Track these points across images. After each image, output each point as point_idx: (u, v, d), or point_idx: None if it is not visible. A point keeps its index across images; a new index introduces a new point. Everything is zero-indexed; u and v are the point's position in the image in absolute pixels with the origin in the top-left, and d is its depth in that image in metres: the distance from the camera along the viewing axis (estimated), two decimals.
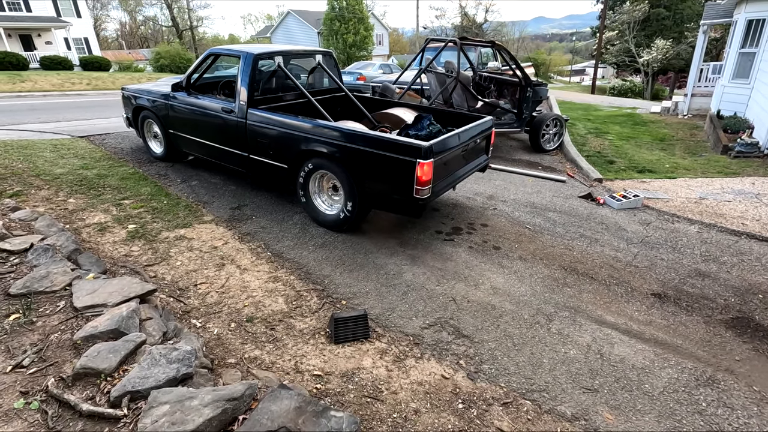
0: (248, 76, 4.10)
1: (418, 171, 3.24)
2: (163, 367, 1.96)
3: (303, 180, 3.96)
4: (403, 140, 3.39)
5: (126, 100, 5.48)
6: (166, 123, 4.98)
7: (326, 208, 4.03)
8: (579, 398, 2.33)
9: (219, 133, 4.43)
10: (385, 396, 2.28)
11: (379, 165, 3.45)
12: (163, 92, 4.87)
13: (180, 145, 5.03)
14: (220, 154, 4.56)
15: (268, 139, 4.02)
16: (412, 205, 3.42)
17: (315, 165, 3.84)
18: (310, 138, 3.75)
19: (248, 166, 4.33)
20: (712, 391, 2.41)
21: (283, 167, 4.03)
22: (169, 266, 3.26)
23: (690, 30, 23.50)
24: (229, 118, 4.23)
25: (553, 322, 2.93)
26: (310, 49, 5.11)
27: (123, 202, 4.14)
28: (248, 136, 4.13)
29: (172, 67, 27.72)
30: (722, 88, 10.79)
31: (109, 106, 10.85)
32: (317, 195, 4.05)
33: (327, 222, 3.99)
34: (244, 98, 4.11)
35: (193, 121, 4.65)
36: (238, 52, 4.22)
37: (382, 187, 3.56)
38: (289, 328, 2.74)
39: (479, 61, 9.28)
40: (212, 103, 4.42)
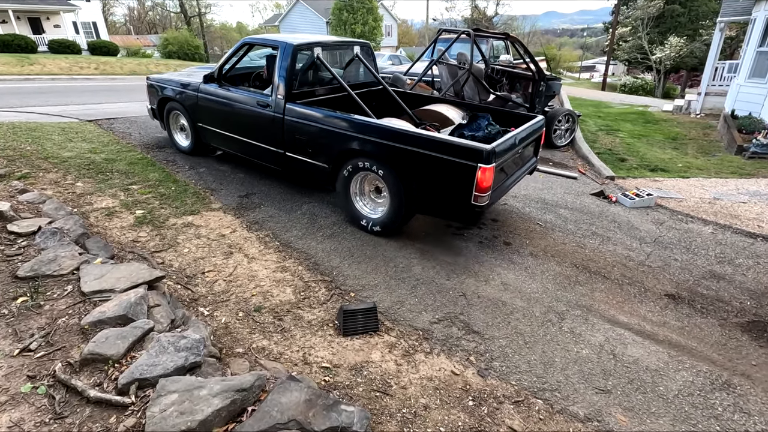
0: (287, 68, 3.85)
1: (478, 176, 3.01)
2: (172, 355, 1.93)
3: (343, 181, 3.73)
4: (463, 142, 3.14)
5: (151, 91, 5.18)
6: (195, 116, 4.72)
7: (369, 211, 3.79)
8: (591, 399, 2.29)
9: (252, 129, 4.20)
10: (394, 391, 2.25)
11: (433, 168, 3.21)
12: (192, 83, 4.62)
13: (209, 140, 4.80)
14: (252, 151, 4.34)
15: (307, 136, 3.79)
16: (469, 212, 3.19)
17: (357, 166, 3.61)
18: (354, 137, 3.50)
19: (283, 163, 4.11)
20: (728, 396, 2.36)
21: (323, 167, 3.80)
22: (176, 253, 3.23)
23: (705, 27, 23.05)
24: (264, 112, 4.00)
25: (565, 320, 2.88)
26: (347, 39, 4.85)
27: (131, 188, 4.11)
28: (285, 132, 3.91)
29: (180, 53, 27.58)
30: (738, 87, 10.59)
31: (117, 91, 10.81)
32: (358, 197, 3.81)
33: (365, 225, 3.79)
34: (282, 92, 3.88)
35: (225, 115, 4.40)
36: (276, 42, 3.99)
37: (435, 191, 3.31)
38: (297, 318, 2.71)
39: (491, 54, 9.14)
40: (246, 96, 4.18)
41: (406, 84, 6.51)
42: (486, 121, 4.01)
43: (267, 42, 4.20)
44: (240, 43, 4.38)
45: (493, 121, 4.14)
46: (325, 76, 4.40)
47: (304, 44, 3.99)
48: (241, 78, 4.83)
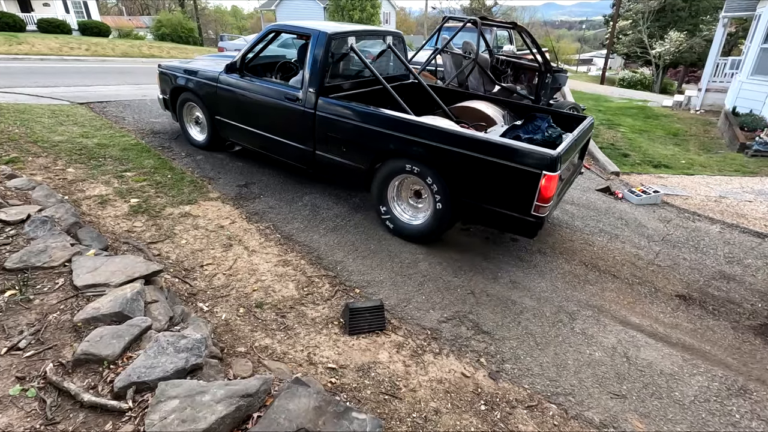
0: (320, 59, 3.52)
1: (542, 184, 2.73)
2: (171, 357, 1.82)
3: (380, 183, 3.46)
4: (527, 147, 2.85)
5: (163, 79, 4.76)
6: (213, 108, 4.36)
7: (409, 218, 3.50)
8: (607, 404, 2.21)
9: (278, 124, 3.90)
10: (403, 393, 2.16)
11: (490, 174, 2.94)
12: (210, 73, 4.24)
13: (227, 134, 4.45)
14: (276, 148, 4.03)
15: (342, 134, 3.50)
16: (528, 223, 2.91)
17: (398, 168, 3.34)
18: (398, 137, 3.21)
19: (312, 162, 3.81)
20: (744, 402, 2.30)
21: (358, 167, 3.52)
22: (173, 244, 3.09)
23: (705, 23, 22.93)
24: (293, 107, 3.67)
25: (576, 320, 2.81)
26: (380, 28, 4.49)
27: (125, 175, 3.94)
28: (316, 129, 3.61)
29: (173, 36, 26.95)
30: (740, 84, 10.53)
31: (109, 73, 10.50)
32: (395, 201, 3.53)
33: (403, 232, 3.51)
34: (314, 85, 3.56)
35: (247, 108, 4.07)
36: (308, 30, 3.66)
37: (490, 199, 3.03)
38: (300, 316, 2.60)
39: (494, 44, 8.96)
40: (272, 88, 3.84)
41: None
42: (546, 123, 3.64)
43: (297, 29, 3.83)
44: (266, 30, 4.00)
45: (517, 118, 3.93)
46: (357, 68, 4.05)
47: (338, 33, 3.64)
48: (263, 68, 4.50)
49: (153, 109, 6.05)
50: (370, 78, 4.05)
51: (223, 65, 4.27)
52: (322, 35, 3.55)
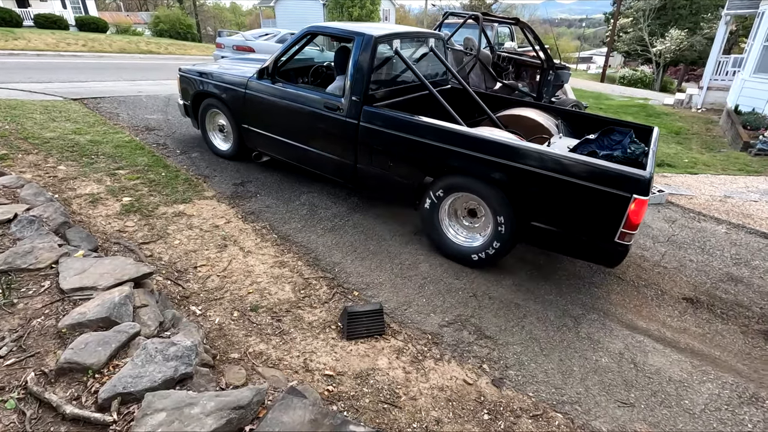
0: (366, 64, 3.22)
1: (631, 209, 2.44)
2: (160, 365, 1.73)
3: (431, 201, 3.17)
4: (615, 167, 2.50)
5: (184, 84, 4.46)
6: (240, 116, 4.05)
7: (464, 240, 3.18)
8: (614, 413, 2.13)
9: (315, 135, 3.60)
10: (403, 402, 2.07)
11: (567, 196, 2.62)
12: (238, 78, 3.95)
13: (255, 144, 4.14)
14: (311, 160, 3.74)
15: (389, 147, 3.20)
16: (610, 251, 2.63)
17: (453, 185, 3.04)
18: (456, 152, 2.91)
19: (353, 177, 3.52)
20: (757, 411, 2.22)
21: (406, 183, 3.24)
22: (166, 245, 3.00)
23: (706, 21, 22.82)
24: (333, 116, 3.38)
25: (581, 325, 2.72)
26: (422, 30, 4.22)
27: (117, 173, 3.84)
28: (359, 141, 3.31)
29: (171, 32, 26.79)
30: (742, 82, 10.45)
31: (105, 69, 10.38)
32: (446, 220, 3.23)
33: (455, 254, 3.19)
34: (358, 93, 3.26)
35: (279, 117, 3.76)
36: (351, 33, 3.36)
37: (565, 224, 2.73)
38: (297, 319, 2.51)
39: (495, 40, 8.86)
40: (309, 95, 3.53)
41: None
42: (629, 138, 3.23)
43: (338, 32, 3.54)
44: (303, 31, 3.69)
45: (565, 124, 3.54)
46: (396, 73, 3.73)
47: (384, 36, 3.32)
48: (294, 73, 4.24)
49: (148, 105, 5.94)
50: (411, 84, 3.77)
51: (248, 68, 4.04)
52: (367, 38, 3.24)
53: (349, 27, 3.48)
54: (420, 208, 3.26)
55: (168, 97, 6.47)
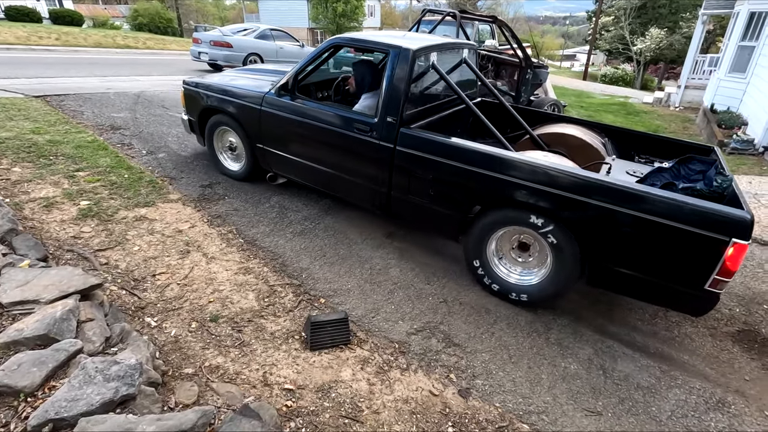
0: (403, 81, 2.86)
1: (728, 254, 2.11)
2: (99, 387, 1.61)
3: (480, 235, 2.83)
4: (711, 207, 2.16)
5: (190, 98, 4.05)
6: (255, 135, 3.68)
7: (518, 279, 2.84)
8: (581, 422, 2.09)
9: (342, 158, 3.25)
10: (365, 416, 2.00)
11: (647, 237, 2.28)
12: (253, 93, 3.57)
13: (272, 166, 3.78)
14: (338, 185, 3.40)
15: (432, 174, 2.85)
16: (697, 300, 2.31)
17: (507, 219, 2.71)
18: (510, 182, 2.56)
19: (385, 205, 3.18)
20: (722, 417, 2.21)
21: (449, 215, 2.91)
22: (124, 251, 2.86)
23: (685, 20, 23.22)
24: (364, 138, 3.02)
25: (551, 330, 2.68)
26: (458, 41, 3.82)
27: (76, 174, 3.67)
28: (396, 166, 2.97)
29: (151, 26, 26.12)
30: (718, 81, 10.62)
31: (77, 65, 10.02)
32: (496, 256, 2.90)
33: (509, 294, 2.84)
34: (393, 113, 2.90)
35: (300, 138, 3.42)
36: (385, 46, 2.98)
37: (643, 267, 2.38)
38: (259, 329, 2.41)
39: (476, 38, 8.81)
40: (336, 115, 3.17)
41: None
42: (714, 169, 2.79)
43: (367, 44, 3.19)
44: (327, 44, 3.29)
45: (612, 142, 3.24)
46: (430, 89, 3.35)
47: (422, 48, 2.97)
48: (314, 88, 3.91)
49: (116, 102, 5.73)
50: (443, 101, 3.45)
51: (261, 81, 3.72)
52: (405, 52, 2.87)
53: (380, 38, 3.12)
54: (464, 241, 2.95)
55: (138, 95, 6.25)
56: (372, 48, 3.22)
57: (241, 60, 10.49)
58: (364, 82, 3.44)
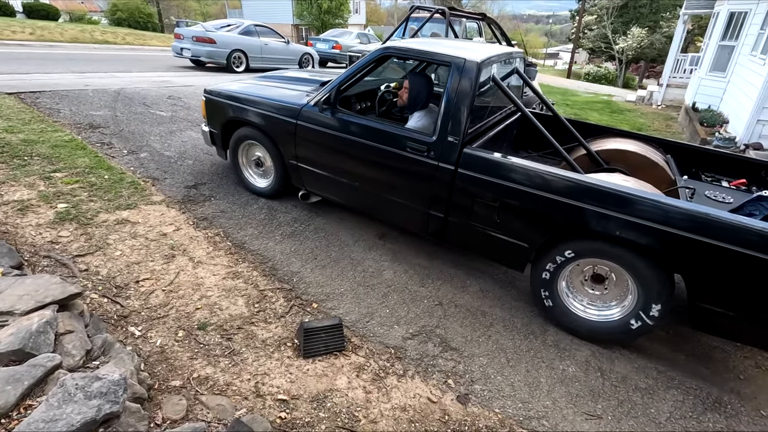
0: (467, 96, 2.58)
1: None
2: (80, 405, 1.51)
3: (553, 267, 2.56)
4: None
5: (213, 108, 3.71)
6: (288, 151, 3.36)
7: (597, 313, 2.58)
8: (582, 426, 2.06)
9: (392, 179, 2.96)
10: (362, 426, 1.93)
11: (756, 276, 2.04)
12: (288, 105, 3.25)
13: (306, 184, 3.46)
14: (386, 208, 3.11)
15: (498, 199, 2.57)
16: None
17: (587, 250, 2.44)
18: (595, 212, 2.29)
19: (440, 231, 2.91)
20: (720, 417, 2.20)
21: (517, 245, 2.63)
22: (105, 257, 2.73)
23: (665, 20, 23.68)
24: (420, 159, 2.74)
25: (548, 332, 2.65)
26: (508, 49, 3.45)
27: (53, 176, 3.50)
28: (456, 190, 2.69)
29: (130, 21, 25.46)
30: (699, 80, 10.82)
31: (54, 60, 9.66)
32: (569, 292, 2.65)
33: (582, 330, 2.60)
34: (456, 132, 2.62)
35: (342, 155, 3.11)
36: (446, 57, 2.69)
37: (748, 311, 2.16)
38: (249, 337, 2.32)
39: (464, 36, 8.78)
40: (387, 132, 2.86)
41: None
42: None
43: (424, 54, 2.84)
44: (376, 53, 2.94)
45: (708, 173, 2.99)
46: (485, 104, 3.03)
47: (486, 60, 2.70)
48: (353, 99, 3.62)
49: (95, 100, 5.51)
50: (497, 116, 3.25)
51: (292, 91, 3.44)
52: (470, 65, 2.58)
53: (438, 49, 2.80)
54: (533, 271, 2.69)
55: (117, 92, 6.03)
56: (430, 59, 2.86)
57: (225, 57, 10.27)
58: (419, 97, 3.10)
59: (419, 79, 3.14)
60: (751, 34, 8.65)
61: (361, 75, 3.09)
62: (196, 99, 6.39)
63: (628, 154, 3.12)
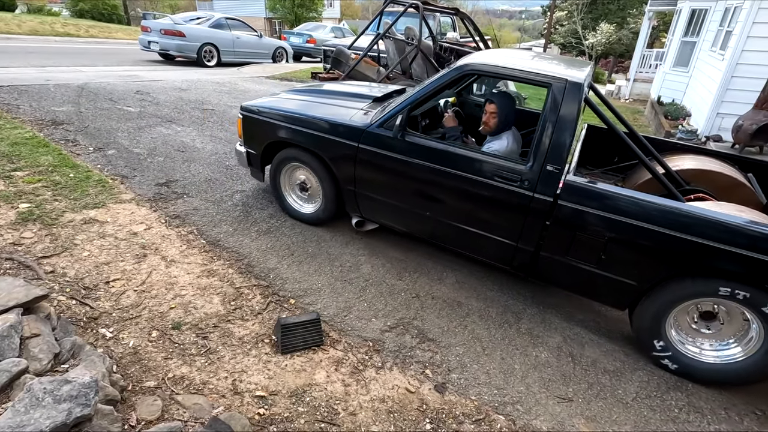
0: (571, 122, 2.33)
1: None
2: (48, 410, 1.47)
3: (660, 308, 2.35)
4: None
5: (254, 127, 3.36)
6: (347, 175, 3.04)
7: (716, 356, 2.37)
8: (554, 410, 2.14)
9: (472, 208, 2.70)
10: (342, 419, 1.95)
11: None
12: (348, 125, 2.94)
13: (364, 210, 3.18)
14: (460, 238, 2.84)
15: (606, 234, 2.32)
16: None
17: (702, 291, 2.23)
18: (730, 252, 2.07)
19: (529, 266, 2.68)
20: (681, 395, 2.32)
21: (624, 283, 2.39)
22: (72, 258, 2.64)
23: (632, 16, 24.42)
24: (510, 188, 2.49)
25: (522, 320, 2.73)
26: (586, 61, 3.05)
27: (14, 175, 3.35)
28: (554, 223, 2.45)
29: (93, 13, 24.47)
30: (663, 75, 11.23)
31: (11, 53, 9.20)
32: (682, 333, 2.44)
33: (704, 377, 2.39)
34: (557, 160, 2.36)
35: (414, 182, 2.83)
36: (546, 78, 2.41)
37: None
38: (226, 335, 2.30)
39: (438, 30, 8.83)
40: (468, 157, 2.61)
41: (350, 58, 6.03)
42: None
43: (514, 73, 2.53)
44: (457, 71, 2.64)
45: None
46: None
47: (586, 79, 2.45)
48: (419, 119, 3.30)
49: (57, 95, 5.29)
50: None
51: (348, 109, 3.12)
52: (574, 86, 2.32)
53: (531, 67, 2.52)
54: (639, 312, 2.45)
55: (81, 87, 5.80)
56: (523, 79, 2.52)
57: (195, 50, 10.00)
58: (507, 121, 2.87)
59: (506, 101, 2.90)
60: (711, 30, 9.02)
61: (435, 95, 2.81)
62: (165, 94, 6.21)
63: (711, 175, 2.86)
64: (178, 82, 7.47)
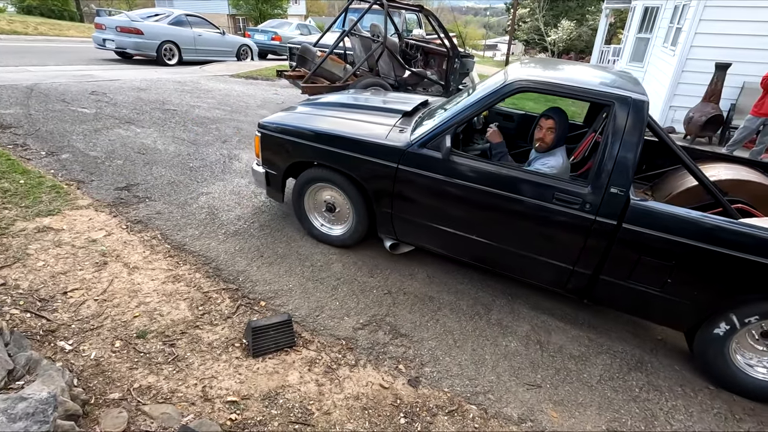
0: (636, 142, 2.21)
1: None
2: (2, 428, 1.39)
3: (728, 328, 2.28)
4: None
5: (275, 146, 3.10)
6: (383, 196, 2.84)
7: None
8: (523, 397, 2.21)
9: (526, 232, 2.56)
10: (316, 419, 1.94)
11: None
12: (387, 145, 2.73)
13: (400, 233, 2.98)
14: (510, 261, 2.72)
15: (673, 259, 2.23)
16: None
17: None
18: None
19: (585, 289, 2.57)
20: (641, 375, 2.45)
21: (693, 306, 2.32)
22: (25, 269, 2.51)
23: (591, 13, 25.30)
24: (569, 211, 2.36)
25: (492, 311, 2.80)
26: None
27: None
28: (618, 247, 2.33)
29: (42, 9, 23.09)
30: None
31: None
32: (741, 352, 2.38)
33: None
34: (622, 182, 2.24)
35: (459, 204, 2.66)
36: (608, 96, 2.29)
37: None
38: (194, 341, 2.24)
39: (404, 27, 8.86)
40: (521, 178, 2.47)
41: (316, 56, 5.97)
42: None
43: (571, 91, 2.38)
44: (507, 88, 2.46)
45: None
46: None
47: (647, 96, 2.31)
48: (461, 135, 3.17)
49: (3, 97, 4.98)
50: None
51: (381, 126, 2.89)
52: (639, 104, 2.22)
53: (589, 84, 2.39)
54: (703, 334, 2.38)
55: (30, 88, 5.49)
56: (582, 96, 2.37)
57: (155, 48, 9.64)
58: (562, 139, 2.76)
59: (563, 117, 2.75)
60: (662, 27, 9.47)
61: (481, 112, 2.66)
62: (123, 94, 5.97)
63: (750, 185, 2.78)
64: (136, 81, 7.18)
